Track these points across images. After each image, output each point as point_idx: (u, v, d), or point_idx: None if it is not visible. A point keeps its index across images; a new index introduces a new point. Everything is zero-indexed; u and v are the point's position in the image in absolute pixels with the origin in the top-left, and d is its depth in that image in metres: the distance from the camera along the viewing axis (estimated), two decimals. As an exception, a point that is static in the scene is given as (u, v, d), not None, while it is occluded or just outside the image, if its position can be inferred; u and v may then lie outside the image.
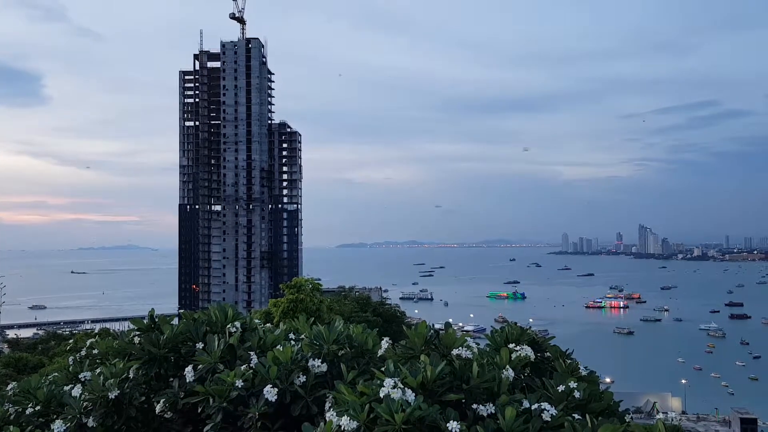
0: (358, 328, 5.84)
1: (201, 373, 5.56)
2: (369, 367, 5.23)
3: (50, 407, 7.29)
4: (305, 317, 6.80)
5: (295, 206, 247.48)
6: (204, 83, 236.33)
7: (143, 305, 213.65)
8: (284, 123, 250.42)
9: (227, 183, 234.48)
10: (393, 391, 4.19)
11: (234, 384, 5.16)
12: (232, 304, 6.98)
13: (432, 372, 4.43)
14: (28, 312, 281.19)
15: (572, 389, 4.70)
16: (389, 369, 4.61)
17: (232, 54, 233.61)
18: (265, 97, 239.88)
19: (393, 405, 4.07)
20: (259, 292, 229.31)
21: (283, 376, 5.19)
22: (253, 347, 5.91)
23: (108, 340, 7.63)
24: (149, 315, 6.71)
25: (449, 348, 4.85)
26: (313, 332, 5.80)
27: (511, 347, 5.29)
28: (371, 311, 54.76)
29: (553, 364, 5.48)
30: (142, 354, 6.08)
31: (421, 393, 4.29)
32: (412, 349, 5.00)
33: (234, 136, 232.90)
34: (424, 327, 5.06)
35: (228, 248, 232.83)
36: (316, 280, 45.37)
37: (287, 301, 40.59)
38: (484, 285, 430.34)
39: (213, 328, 6.28)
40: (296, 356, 5.41)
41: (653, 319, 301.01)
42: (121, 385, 5.95)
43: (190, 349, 6.07)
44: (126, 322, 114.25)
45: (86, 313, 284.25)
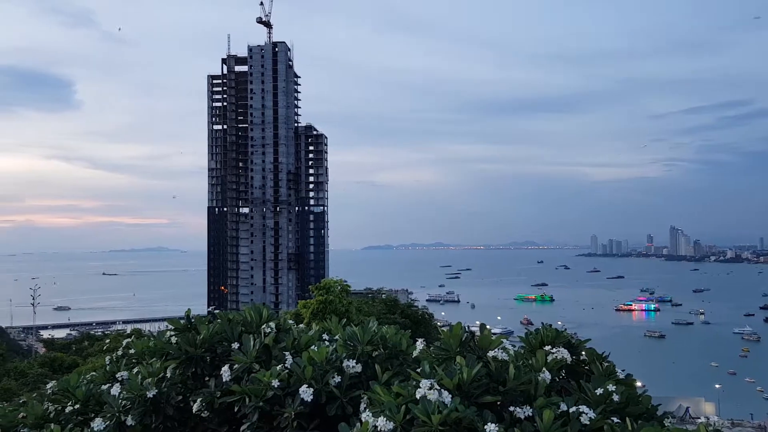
0: (391, 329, 5.85)
1: (237, 373, 5.62)
2: (403, 368, 5.23)
3: (89, 406, 7.43)
4: (337, 318, 6.83)
5: (322, 208, 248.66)
6: (232, 87, 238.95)
7: (173, 306, 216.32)
8: (310, 126, 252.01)
9: (255, 186, 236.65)
10: (429, 392, 4.18)
11: (270, 384, 5.21)
12: (267, 305, 7.04)
13: (468, 374, 4.41)
14: (53, 313, 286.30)
15: (610, 392, 4.64)
16: (425, 370, 4.60)
17: (258, 58, 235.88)
18: (291, 100, 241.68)
19: (429, 406, 4.07)
20: (287, 293, 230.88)
21: (318, 376, 5.22)
22: (287, 347, 5.95)
23: (144, 340, 7.74)
24: (186, 315, 6.80)
25: (485, 350, 4.83)
26: (346, 333, 5.82)
27: (547, 349, 5.25)
28: (399, 313, 54.72)
29: (590, 366, 5.42)
30: (179, 354, 6.16)
31: (457, 394, 4.28)
32: (447, 351, 4.99)
33: (261, 139, 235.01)
34: (459, 328, 5.04)
35: (255, 250, 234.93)
36: (344, 282, 45.54)
37: (317, 303, 40.78)
38: (512, 287, 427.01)
39: (248, 328, 6.34)
40: (331, 357, 5.44)
41: (685, 323, 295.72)
42: (159, 384, 6.04)
43: (226, 349, 6.13)
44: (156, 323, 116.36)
45: (117, 314, 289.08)
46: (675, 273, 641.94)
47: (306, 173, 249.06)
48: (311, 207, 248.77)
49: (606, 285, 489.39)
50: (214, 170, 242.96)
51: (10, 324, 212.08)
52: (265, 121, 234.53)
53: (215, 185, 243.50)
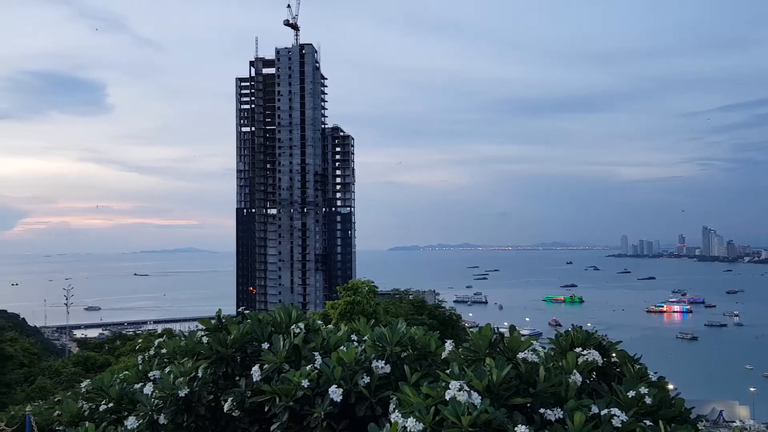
0: (420, 330, 5.86)
1: (267, 373, 5.68)
2: (432, 369, 5.24)
3: (122, 404, 7.57)
4: (365, 319, 6.86)
5: (349, 209, 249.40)
6: (259, 89, 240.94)
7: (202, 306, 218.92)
8: (337, 127, 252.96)
9: (282, 187, 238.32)
10: (459, 393, 4.18)
11: (300, 384, 5.26)
12: (296, 306, 7.10)
13: (498, 375, 4.40)
14: (84, 313, 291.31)
15: (643, 395, 4.58)
16: (454, 371, 4.60)
17: (286, 60, 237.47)
18: (318, 102, 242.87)
19: (459, 408, 4.06)
20: (314, 294, 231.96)
21: (347, 376, 5.25)
22: (316, 348, 6.00)
23: (176, 340, 7.86)
24: (217, 315, 6.88)
25: (514, 351, 4.81)
26: (375, 334, 5.84)
27: (578, 351, 5.20)
28: (427, 314, 54.57)
29: (621, 369, 5.36)
30: (210, 353, 6.24)
31: (487, 396, 4.26)
32: (476, 352, 4.98)
33: (288, 140, 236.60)
34: (489, 330, 5.03)
35: (283, 251, 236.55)
36: (371, 283, 45.61)
37: (344, 303, 40.93)
38: (540, 288, 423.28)
39: (278, 328, 6.41)
40: (360, 357, 5.47)
41: (719, 324, 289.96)
42: (191, 383, 6.13)
43: (256, 349, 6.20)
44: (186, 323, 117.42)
45: (148, 314, 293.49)
46: (708, 274, 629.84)
47: (333, 174, 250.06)
48: (338, 208, 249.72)
49: (637, 286, 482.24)
50: (242, 172, 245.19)
51: (44, 324, 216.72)
52: (293, 122, 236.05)
53: (243, 187, 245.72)
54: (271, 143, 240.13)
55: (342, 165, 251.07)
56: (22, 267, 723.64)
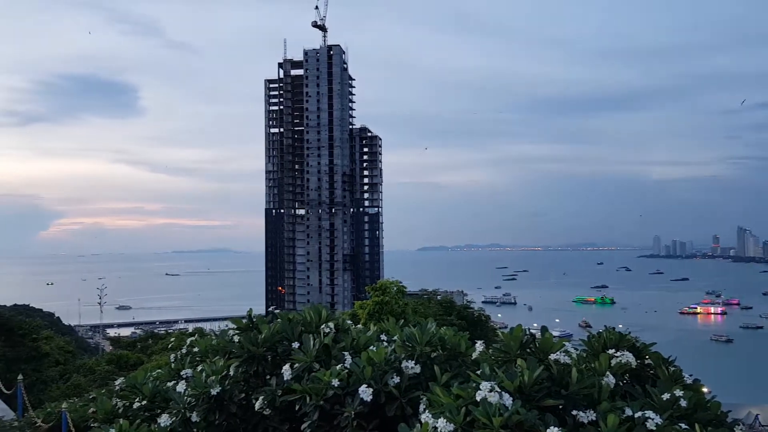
0: (449, 331, 5.84)
1: (298, 372, 5.72)
2: (463, 370, 5.21)
3: (155, 402, 7.71)
4: (394, 319, 6.86)
5: (376, 209, 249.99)
6: (288, 91, 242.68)
7: (232, 306, 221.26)
8: (365, 128, 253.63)
9: (310, 187, 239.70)
10: (490, 394, 4.15)
11: (330, 383, 5.29)
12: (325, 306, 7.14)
13: (529, 376, 4.36)
14: (115, 312, 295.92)
15: (678, 398, 4.51)
16: (485, 372, 4.57)
17: (314, 61, 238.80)
18: (346, 103, 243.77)
19: (490, 409, 4.04)
20: (342, 294, 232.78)
21: (377, 376, 5.26)
22: (346, 347, 6.02)
23: (207, 339, 7.97)
24: (248, 315, 6.95)
25: (546, 353, 4.76)
26: (404, 334, 5.84)
27: (611, 353, 5.13)
28: (455, 315, 54.34)
29: (655, 371, 5.27)
30: (241, 352, 6.31)
31: (518, 397, 4.23)
32: (507, 353, 4.94)
33: (317, 141, 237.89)
34: (520, 330, 4.99)
35: (312, 251, 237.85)
36: (400, 283, 45.59)
37: (373, 303, 40.97)
38: (570, 289, 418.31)
39: (308, 328, 6.45)
40: (389, 357, 5.47)
41: (755, 326, 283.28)
42: (222, 382, 6.20)
43: (287, 348, 6.25)
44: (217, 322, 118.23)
45: (179, 314, 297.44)
46: (743, 275, 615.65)
47: (360, 175, 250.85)
48: (366, 208, 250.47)
49: (669, 287, 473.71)
50: (271, 173, 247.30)
51: (78, 322, 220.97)
52: (321, 123, 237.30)
53: (272, 187, 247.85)
54: (299, 144, 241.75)
55: (370, 165, 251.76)
56: (57, 267, 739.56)
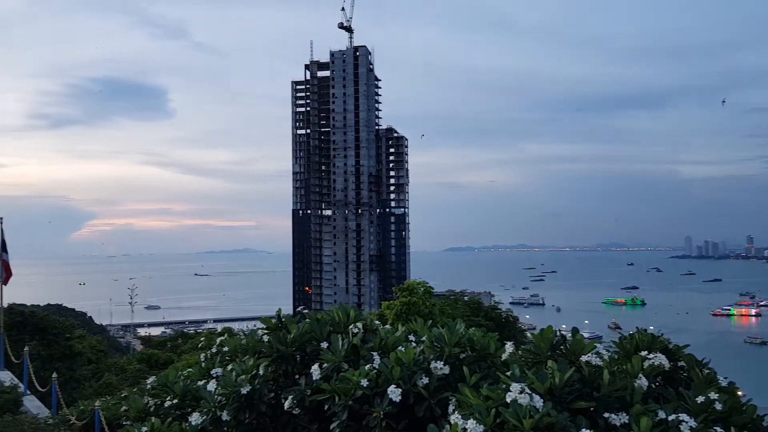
0: (478, 332, 5.81)
1: (326, 372, 5.75)
2: (492, 371, 5.18)
3: (186, 401, 7.81)
4: (422, 320, 6.85)
5: (403, 210, 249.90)
6: (314, 92, 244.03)
7: (260, 306, 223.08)
8: (391, 128, 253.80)
9: (337, 188, 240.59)
10: (520, 396, 4.12)
11: (359, 383, 5.30)
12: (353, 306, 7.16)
13: (560, 378, 4.32)
14: (144, 312, 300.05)
15: (712, 401, 4.42)
16: (515, 373, 4.54)
17: (340, 63, 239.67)
18: (372, 104, 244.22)
19: (521, 410, 4.01)
20: (369, 294, 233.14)
21: (406, 377, 5.26)
22: (375, 348, 6.03)
23: (237, 338, 8.05)
24: (277, 314, 7.00)
25: (577, 354, 4.71)
26: (433, 334, 5.83)
27: (643, 355, 5.06)
28: (483, 316, 53.97)
29: (689, 373, 5.18)
30: (270, 352, 6.36)
31: (549, 399, 4.19)
32: (538, 354, 4.90)
33: (343, 142, 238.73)
34: (550, 332, 4.94)
35: (338, 252, 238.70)
36: (427, 284, 45.50)
37: (400, 304, 40.94)
38: (600, 290, 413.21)
39: (336, 328, 6.47)
40: (418, 358, 5.47)
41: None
42: (252, 381, 6.26)
43: (315, 348, 6.29)
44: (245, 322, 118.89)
45: (208, 313, 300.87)
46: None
47: (387, 175, 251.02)
48: (392, 209, 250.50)
49: (702, 288, 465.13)
50: (298, 174, 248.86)
51: (109, 322, 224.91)
52: (347, 124, 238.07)
53: (299, 188, 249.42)
54: (326, 145, 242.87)
55: (396, 166, 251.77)
56: (89, 267, 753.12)
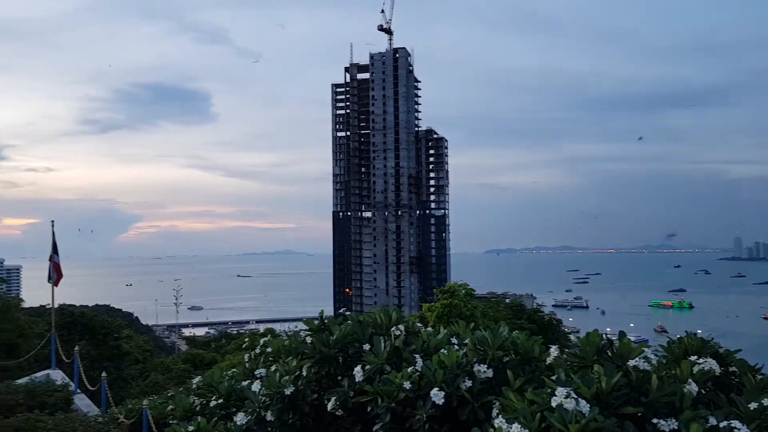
0: (522, 335, 5.76)
1: (369, 374, 5.77)
2: (536, 375, 5.13)
3: (231, 401, 7.95)
4: (464, 322, 6.81)
5: (443, 212, 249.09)
6: (354, 94, 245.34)
7: (301, 307, 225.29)
8: (431, 129, 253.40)
9: (377, 190, 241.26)
10: (566, 400, 4.06)
11: (402, 385, 5.30)
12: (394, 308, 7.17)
13: (607, 383, 4.24)
14: (187, 312, 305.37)
15: (766, 407, 4.29)
16: (560, 378, 4.48)
17: (380, 65, 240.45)
18: (412, 105, 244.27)
19: (566, 415, 3.95)
20: (409, 296, 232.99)
21: (448, 379, 5.24)
22: (417, 350, 6.02)
23: (280, 339, 8.15)
24: (319, 316, 7.06)
25: (624, 358, 4.62)
26: (475, 337, 5.80)
27: (693, 359, 4.93)
28: (526, 318, 53.25)
29: (741, 379, 5.04)
30: (313, 353, 6.42)
31: (595, 404, 4.12)
32: (583, 358, 4.82)
33: (383, 144, 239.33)
34: (596, 335, 4.86)
35: (378, 253, 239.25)
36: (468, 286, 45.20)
37: (441, 306, 40.77)
38: (646, 293, 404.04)
39: (378, 330, 6.49)
40: (461, 361, 5.44)
41: None
42: (295, 382, 6.33)
43: (357, 349, 6.32)
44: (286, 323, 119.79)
45: (250, 314, 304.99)
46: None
47: (427, 177, 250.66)
48: (432, 210, 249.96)
49: (753, 291, 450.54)
50: (338, 176, 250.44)
51: (155, 322, 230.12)
52: (387, 126, 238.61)
53: (339, 190, 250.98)
54: (365, 147, 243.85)
55: (436, 167, 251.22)
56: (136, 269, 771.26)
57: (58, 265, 19.79)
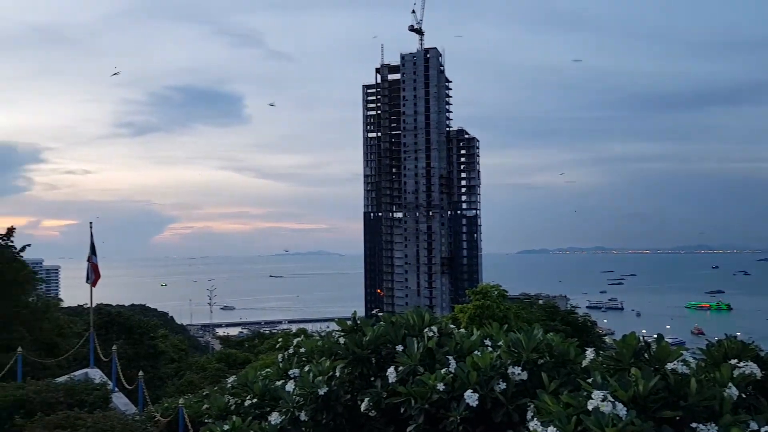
0: (557, 337, 5.71)
1: (402, 375, 5.77)
2: (572, 378, 5.07)
3: (265, 400, 8.02)
4: (498, 324, 6.77)
5: (474, 212, 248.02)
6: (385, 95, 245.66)
7: (332, 307, 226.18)
8: (462, 129, 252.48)
9: (408, 190, 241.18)
10: (602, 404, 4.02)
11: (435, 387, 5.29)
12: (427, 309, 7.16)
13: (645, 386, 4.18)
14: (220, 312, 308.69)
15: (810, 413, 4.18)
16: (596, 380, 4.42)
17: (411, 65, 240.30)
18: (443, 105, 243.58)
19: (603, 418, 3.91)
20: (440, 297, 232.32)
21: (482, 381, 5.22)
22: (450, 352, 6.01)
23: (313, 340, 8.20)
24: (352, 317, 7.09)
25: (662, 361, 4.54)
26: (509, 339, 5.76)
27: (732, 363, 4.83)
28: (559, 320, 52.54)
29: (784, 383, 4.91)
30: (346, 354, 6.44)
31: (632, 408, 4.07)
32: (620, 361, 4.75)
33: (413, 144, 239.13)
34: (633, 338, 4.79)
35: (409, 254, 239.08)
36: (500, 287, 44.86)
37: (474, 307, 40.55)
38: (682, 294, 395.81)
39: (411, 331, 6.49)
40: (495, 362, 5.41)
41: None
42: (329, 382, 6.36)
43: (390, 350, 6.32)
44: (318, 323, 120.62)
45: (283, 314, 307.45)
46: None
47: (458, 177, 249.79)
48: (464, 211, 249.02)
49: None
50: (369, 177, 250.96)
51: (189, 322, 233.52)
52: (418, 126, 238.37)
53: (370, 191, 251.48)
54: (396, 148, 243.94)
55: (467, 167, 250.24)
56: (171, 269, 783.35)
57: (95, 266, 20.19)
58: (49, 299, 42.04)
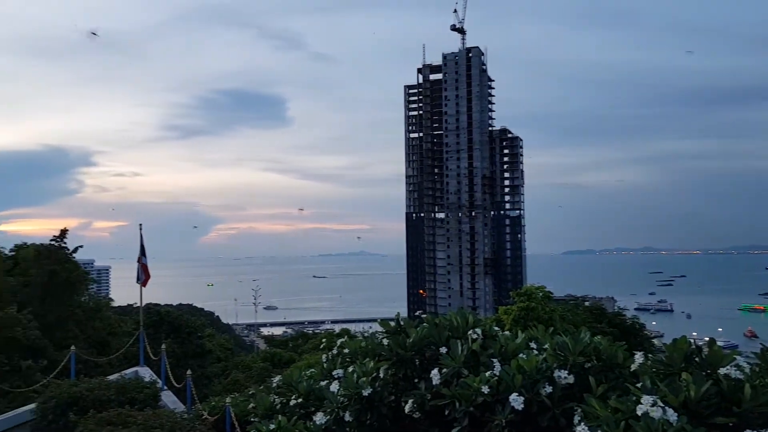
0: (604, 340, 5.60)
1: (446, 377, 5.75)
2: (620, 382, 4.97)
3: (309, 400, 8.10)
4: (543, 326, 6.69)
5: (518, 212, 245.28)
6: (427, 95, 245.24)
7: (375, 308, 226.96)
8: (505, 129, 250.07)
9: (450, 191, 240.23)
10: (652, 409, 3.93)
11: (480, 389, 5.25)
12: (468, 311, 7.12)
13: (696, 391, 4.07)
14: (263, 312, 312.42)
15: None
16: (646, 385, 4.33)
17: (453, 65, 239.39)
18: (485, 105, 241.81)
19: (653, 424, 3.83)
20: (483, 298, 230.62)
21: (528, 385, 5.16)
22: (495, 354, 5.96)
23: (357, 341, 8.24)
24: (396, 318, 7.10)
25: (714, 366, 4.42)
26: (555, 342, 5.69)
27: (790, 369, 4.66)
28: (606, 323, 51.39)
29: None
30: (390, 355, 6.45)
31: (683, 413, 3.97)
32: (670, 366, 4.64)
33: (456, 144, 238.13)
34: (684, 342, 4.67)
35: (452, 255, 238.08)
36: (545, 289, 44.21)
37: (518, 309, 40.07)
38: (735, 296, 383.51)
39: (455, 333, 6.46)
40: (540, 366, 5.34)
41: None
42: (373, 383, 6.38)
43: (434, 352, 6.31)
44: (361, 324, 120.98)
45: (326, 314, 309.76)
46: None
47: (501, 177, 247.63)
48: (507, 211, 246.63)
49: None
50: (411, 177, 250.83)
51: (235, 321, 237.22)
52: (460, 126, 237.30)
53: (412, 192, 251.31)
54: (438, 148, 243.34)
55: (510, 167, 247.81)
56: (217, 269, 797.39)
57: (145, 266, 20.70)
58: (100, 299, 43.31)
